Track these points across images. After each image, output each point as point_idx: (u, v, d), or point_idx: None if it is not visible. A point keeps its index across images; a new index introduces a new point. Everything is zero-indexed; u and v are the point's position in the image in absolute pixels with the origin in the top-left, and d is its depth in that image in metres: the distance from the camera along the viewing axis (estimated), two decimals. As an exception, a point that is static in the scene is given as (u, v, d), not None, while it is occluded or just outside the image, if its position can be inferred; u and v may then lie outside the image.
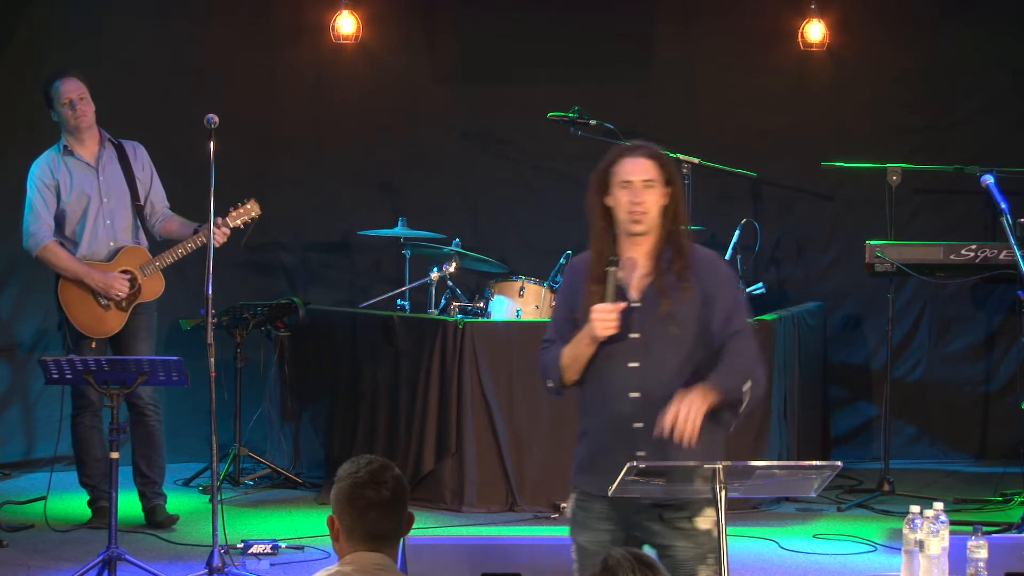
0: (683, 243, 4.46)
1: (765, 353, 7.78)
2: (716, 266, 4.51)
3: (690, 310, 4.41)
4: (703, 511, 4.35)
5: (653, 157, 4.49)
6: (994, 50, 9.46)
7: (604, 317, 4.39)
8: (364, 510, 3.52)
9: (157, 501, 7.39)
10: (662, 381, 4.39)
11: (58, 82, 7.32)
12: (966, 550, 4.27)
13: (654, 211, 4.46)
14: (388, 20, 9.44)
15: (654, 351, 4.41)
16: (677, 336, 4.40)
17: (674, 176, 4.50)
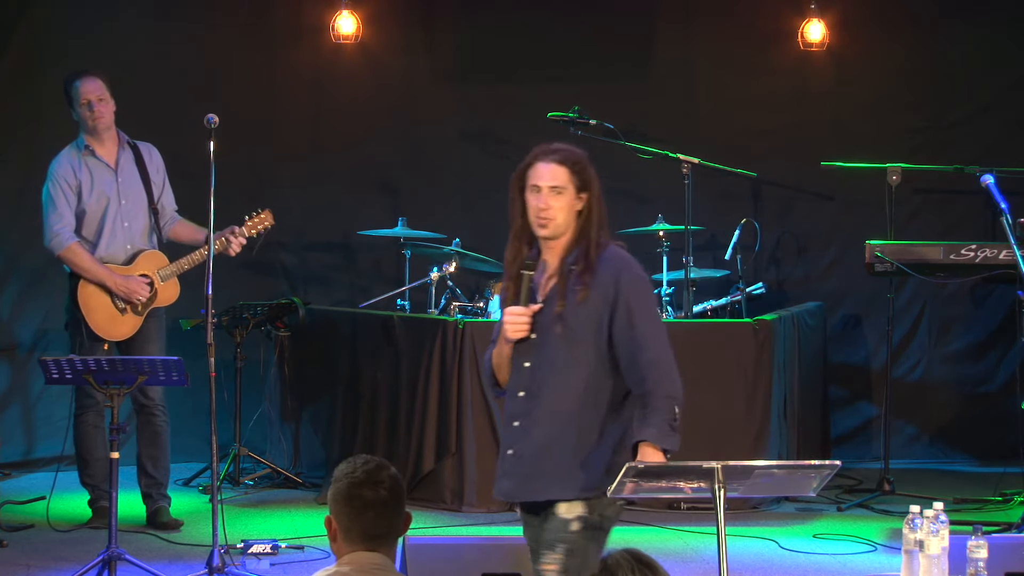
0: (590, 248, 4.46)
1: (765, 353, 7.79)
2: (621, 272, 4.47)
3: (584, 314, 4.40)
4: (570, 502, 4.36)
5: (565, 163, 4.50)
6: (994, 50, 9.46)
7: (515, 320, 4.44)
8: (361, 510, 3.52)
9: (161, 503, 7.39)
10: (546, 382, 4.41)
11: (78, 81, 7.29)
12: (966, 550, 4.26)
13: (561, 217, 4.47)
14: (388, 20, 9.44)
15: (544, 352, 4.43)
16: (566, 338, 4.40)
17: (590, 182, 4.52)
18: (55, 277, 8.93)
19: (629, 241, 9.19)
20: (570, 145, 4.60)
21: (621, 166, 9.16)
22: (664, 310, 8.29)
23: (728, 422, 7.77)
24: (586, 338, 4.40)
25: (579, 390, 4.40)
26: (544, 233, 4.49)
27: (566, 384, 4.40)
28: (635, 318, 4.42)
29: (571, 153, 4.54)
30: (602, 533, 4.42)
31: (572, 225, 4.50)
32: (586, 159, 4.57)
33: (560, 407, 4.41)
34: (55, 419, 8.91)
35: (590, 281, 4.42)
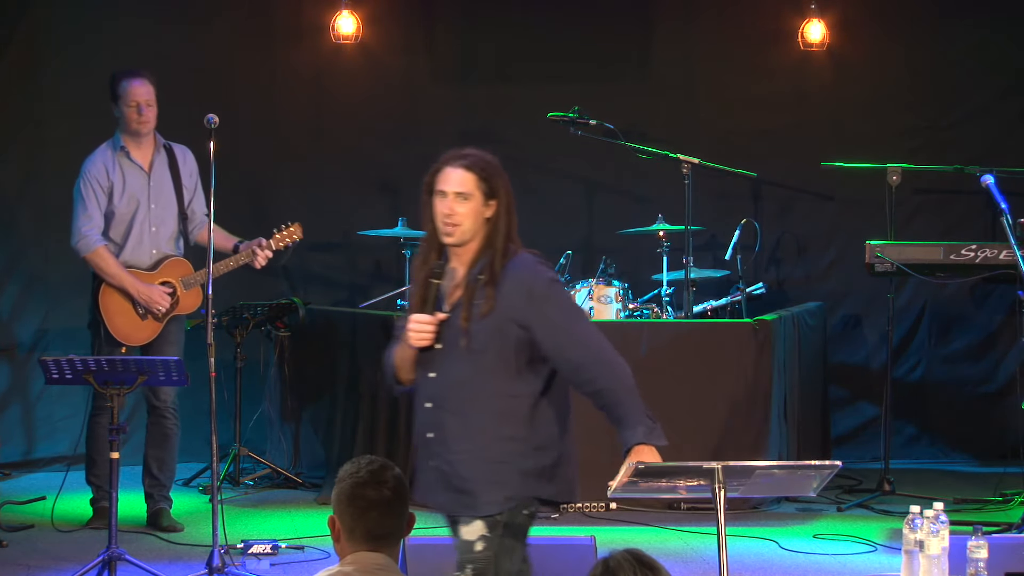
0: (496, 258, 4.37)
1: (765, 353, 7.79)
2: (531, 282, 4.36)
3: (489, 326, 4.33)
4: (471, 522, 4.33)
5: (472, 168, 4.41)
6: (994, 50, 9.46)
7: (418, 328, 4.38)
8: (365, 510, 3.52)
9: (162, 505, 7.38)
10: (452, 394, 4.36)
11: (127, 81, 7.24)
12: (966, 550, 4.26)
13: (468, 223, 4.39)
14: (388, 20, 9.44)
15: (450, 364, 4.37)
16: (471, 350, 4.33)
17: (499, 188, 4.43)
18: (56, 277, 8.96)
19: (630, 241, 9.28)
20: (482, 151, 4.51)
21: (621, 166, 9.18)
22: (664, 310, 8.29)
23: (728, 422, 7.77)
24: (491, 349, 4.33)
25: (486, 402, 4.33)
26: (449, 240, 4.41)
27: (473, 397, 4.34)
28: (563, 323, 4.35)
29: (480, 159, 4.45)
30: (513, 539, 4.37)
31: (480, 233, 4.40)
32: (496, 165, 4.48)
33: (468, 420, 4.34)
34: (55, 419, 8.92)
35: (494, 293, 4.33)
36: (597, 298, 8.24)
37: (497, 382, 4.34)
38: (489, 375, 4.34)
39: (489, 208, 4.42)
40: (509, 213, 4.44)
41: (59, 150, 9.00)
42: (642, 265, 8.95)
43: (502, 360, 4.34)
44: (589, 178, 9.49)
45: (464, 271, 4.42)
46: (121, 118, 7.27)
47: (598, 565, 3.19)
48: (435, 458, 4.43)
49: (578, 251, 9.07)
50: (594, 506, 7.66)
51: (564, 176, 9.50)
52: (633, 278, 8.63)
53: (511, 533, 4.36)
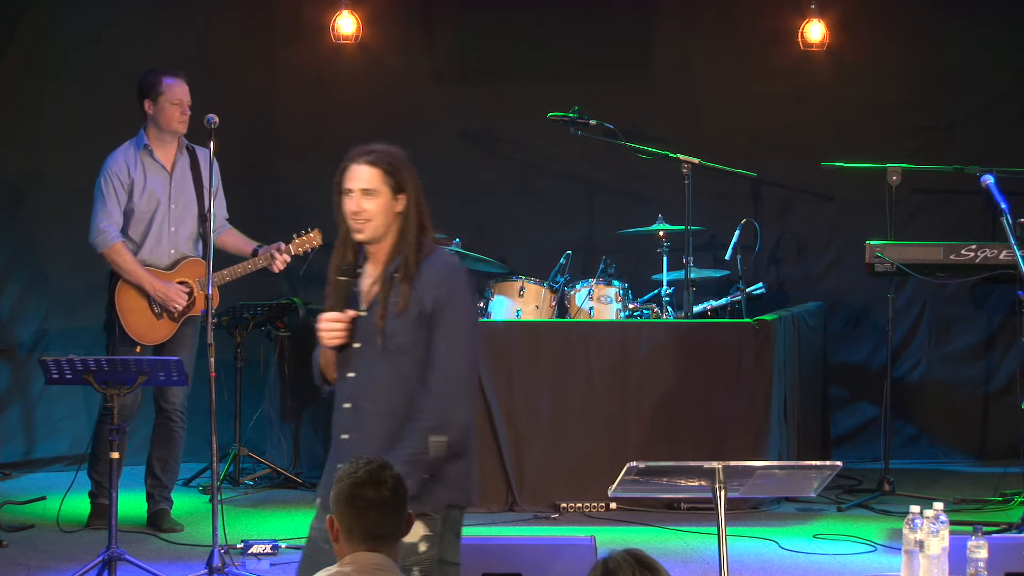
0: (410, 255, 4.33)
1: (765, 353, 7.79)
2: (442, 282, 4.33)
3: (404, 325, 4.29)
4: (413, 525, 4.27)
5: (377, 164, 4.37)
6: (994, 50, 9.46)
7: (328, 327, 4.38)
8: (363, 510, 3.52)
9: (163, 505, 7.38)
10: (370, 394, 4.32)
11: (171, 80, 7.23)
12: (966, 550, 4.26)
13: (378, 220, 4.34)
14: (388, 20, 9.44)
15: (367, 363, 4.33)
16: (387, 350, 4.30)
17: (406, 183, 4.39)
18: (56, 277, 8.96)
19: (630, 241, 9.29)
20: (388, 146, 4.47)
21: (621, 166, 9.18)
22: (664, 310, 8.29)
23: (728, 422, 7.77)
24: (407, 349, 4.29)
25: (404, 403, 4.29)
26: (361, 237, 4.36)
27: (390, 397, 4.30)
28: (439, 334, 4.29)
29: (385, 154, 4.41)
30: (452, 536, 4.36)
31: (393, 228, 4.37)
32: (402, 159, 4.44)
33: (386, 421, 4.30)
34: (55, 419, 8.92)
35: (409, 291, 4.30)
36: (597, 298, 8.24)
37: (412, 382, 4.29)
38: (404, 375, 4.30)
39: (399, 203, 4.38)
40: (419, 206, 4.40)
41: (59, 150, 9.01)
42: (642, 265, 8.95)
43: (416, 360, 4.30)
44: (589, 178, 9.49)
45: (377, 268, 4.39)
46: (158, 115, 7.24)
47: (597, 565, 3.18)
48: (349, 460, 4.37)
49: (578, 251, 9.07)
50: (594, 506, 7.66)
51: (564, 176, 9.50)
52: (633, 278, 8.63)
53: (451, 529, 4.34)
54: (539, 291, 8.26)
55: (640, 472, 4.09)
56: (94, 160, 7.55)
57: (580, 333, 7.88)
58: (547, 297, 8.26)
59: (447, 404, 4.26)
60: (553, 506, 7.66)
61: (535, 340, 7.85)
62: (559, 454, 7.76)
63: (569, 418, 7.79)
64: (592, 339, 7.83)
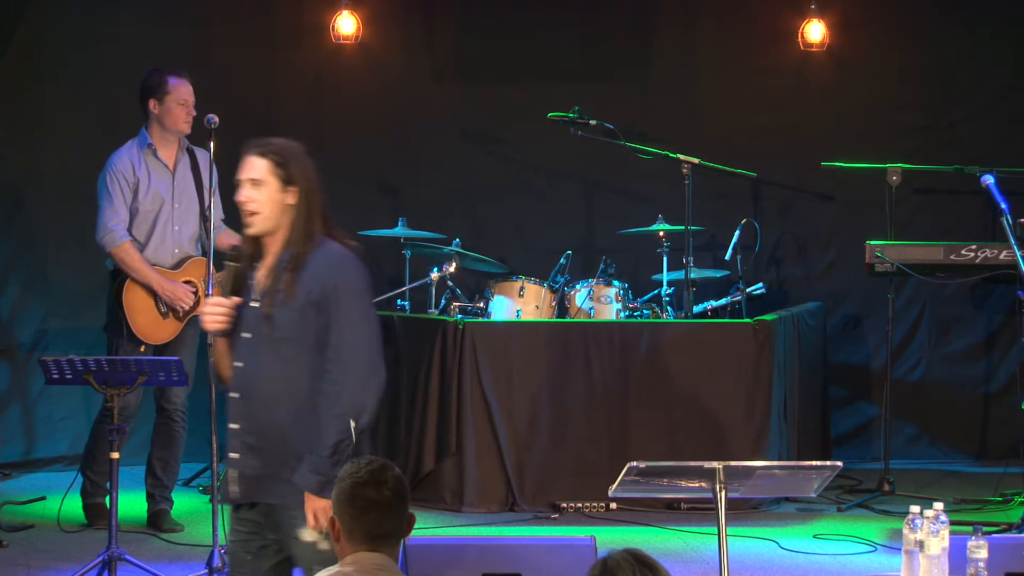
0: (299, 245, 4.37)
1: (765, 353, 7.79)
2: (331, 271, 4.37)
3: (291, 315, 4.32)
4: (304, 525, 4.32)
5: (266, 155, 4.41)
6: (994, 50, 9.46)
7: (211, 311, 4.40)
8: (365, 510, 3.52)
9: (163, 506, 7.38)
10: (258, 384, 4.34)
11: (176, 79, 7.24)
12: (966, 550, 4.26)
13: (266, 210, 4.38)
14: (388, 20, 9.44)
15: (256, 352, 4.36)
16: (274, 339, 4.32)
17: (297, 175, 4.42)
18: (56, 277, 8.96)
19: (630, 241, 9.29)
20: (285, 140, 4.51)
21: (621, 166, 9.18)
22: (664, 310, 8.29)
23: (728, 422, 7.77)
24: (294, 339, 4.32)
25: (292, 394, 4.32)
26: (250, 229, 4.41)
27: (277, 387, 4.33)
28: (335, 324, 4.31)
29: (276, 146, 4.45)
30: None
31: (285, 220, 4.41)
32: (294, 152, 4.47)
33: (273, 410, 4.33)
34: (55, 419, 8.91)
35: (295, 280, 4.33)
36: (597, 298, 8.24)
37: (303, 375, 4.32)
38: (292, 364, 4.32)
39: (289, 194, 4.41)
40: (310, 199, 4.44)
41: (59, 150, 9.00)
42: (642, 265, 8.95)
43: (307, 351, 4.32)
44: (589, 178, 9.48)
45: (271, 258, 4.42)
46: (164, 115, 7.24)
47: (597, 565, 3.18)
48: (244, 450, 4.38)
49: (578, 251, 9.06)
50: (594, 506, 7.66)
51: (564, 176, 9.49)
52: (633, 278, 8.63)
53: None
54: (539, 291, 8.26)
55: (640, 472, 4.09)
56: (94, 160, 7.55)
57: (580, 333, 7.88)
58: (547, 297, 8.25)
59: (355, 391, 4.28)
60: (553, 506, 7.66)
61: (535, 340, 7.85)
62: (559, 454, 7.76)
63: (569, 418, 7.79)
64: (592, 339, 7.83)
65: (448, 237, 8.63)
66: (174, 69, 7.32)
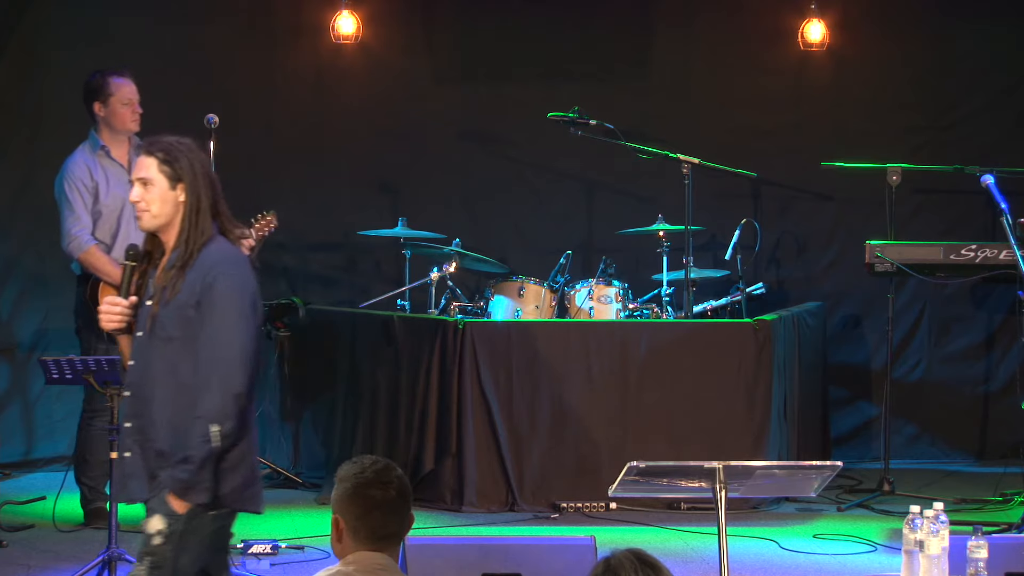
0: (187, 243, 4.36)
1: (765, 353, 7.79)
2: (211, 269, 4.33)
3: (176, 314, 4.32)
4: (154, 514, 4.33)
5: (155, 154, 4.40)
6: (994, 50, 9.46)
7: (107, 310, 4.44)
8: (370, 510, 3.52)
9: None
10: (145, 382, 4.36)
11: (118, 79, 7.25)
12: (966, 550, 4.26)
13: (155, 208, 4.40)
14: (388, 20, 9.44)
15: (146, 351, 4.38)
16: (162, 338, 4.34)
17: (186, 173, 4.39)
18: (55, 277, 8.95)
19: (630, 241, 9.28)
20: (177, 136, 4.47)
21: (621, 166, 9.18)
22: (664, 310, 8.30)
23: (728, 422, 7.77)
24: (175, 336, 4.32)
25: (175, 393, 4.32)
26: (141, 226, 4.46)
27: (162, 385, 4.33)
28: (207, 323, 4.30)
29: (165, 144, 4.42)
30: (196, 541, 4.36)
31: (176, 219, 4.41)
32: (182, 149, 4.43)
33: (161, 409, 4.33)
34: (55, 419, 8.91)
35: (182, 278, 4.33)
36: (597, 298, 8.24)
37: (184, 372, 4.32)
38: (178, 364, 4.33)
39: (179, 192, 4.41)
40: (197, 196, 4.41)
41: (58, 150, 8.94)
42: (642, 265, 8.95)
43: (189, 349, 4.32)
44: (589, 178, 9.49)
45: (165, 257, 4.45)
46: (110, 116, 7.27)
47: (600, 564, 3.18)
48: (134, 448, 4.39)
49: (578, 251, 9.07)
50: (594, 506, 7.66)
51: (564, 176, 9.49)
52: (633, 278, 8.63)
53: (195, 532, 4.34)
54: (539, 291, 8.26)
55: (640, 472, 4.09)
56: (94, 160, 7.55)
57: (580, 333, 7.88)
58: (547, 297, 8.26)
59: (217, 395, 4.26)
60: (553, 506, 7.66)
61: (535, 340, 7.85)
62: (559, 454, 7.76)
63: (569, 418, 7.78)
64: (592, 339, 7.83)
65: (448, 237, 8.64)
66: (116, 69, 7.34)
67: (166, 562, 4.31)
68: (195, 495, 4.28)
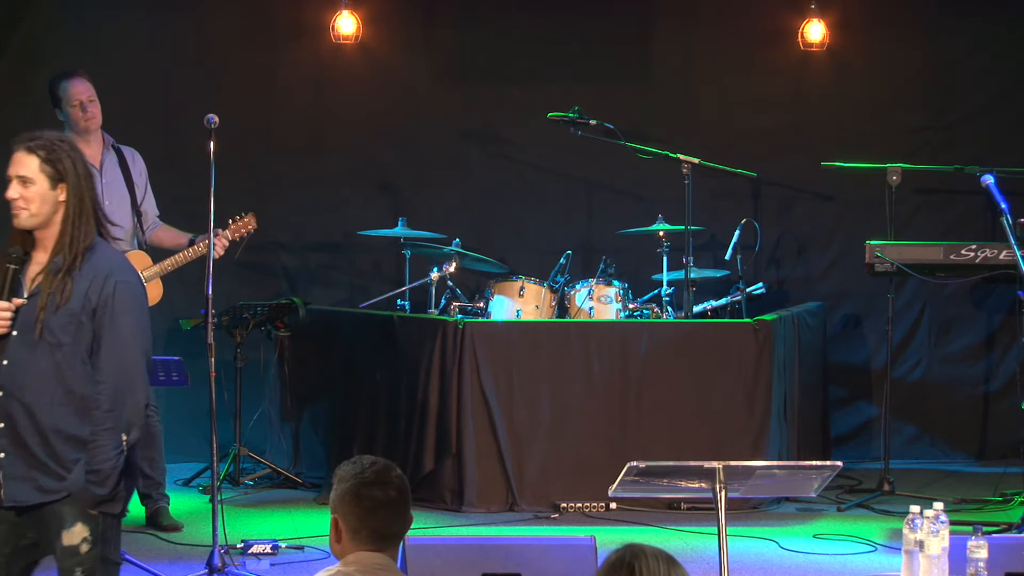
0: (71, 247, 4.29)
1: (765, 353, 7.79)
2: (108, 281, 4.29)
3: (64, 318, 4.27)
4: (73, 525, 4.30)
5: (34, 151, 4.32)
6: (994, 50, 9.46)
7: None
8: (371, 510, 3.52)
9: (161, 503, 7.38)
10: (24, 385, 4.28)
11: (66, 82, 7.27)
12: (966, 550, 4.26)
13: (34, 207, 4.31)
14: (388, 20, 9.44)
15: (22, 351, 4.30)
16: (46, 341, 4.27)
17: (68, 172, 4.33)
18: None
19: (630, 241, 9.29)
20: (57, 133, 4.42)
21: (621, 166, 9.18)
22: (664, 310, 8.30)
23: (728, 422, 7.77)
24: (65, 343, 4.27)
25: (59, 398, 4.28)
26: (17, 223, 4.35)
27: (46, 390, 4.28)
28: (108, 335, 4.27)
29: (46, 141, 4.34)
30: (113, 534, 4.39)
31: (56, 218, 4.33)
32: (64, 148, 4.36)
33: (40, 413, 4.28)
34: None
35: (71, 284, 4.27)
36: (597, 298, 8.24)
37: (71, 377, 4.29)
38: (66, 370, 4.28)
39: (60, 192, 4.35)
40: (80, 197, 4.35)
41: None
42: (642, 265, 8.95)
43: (77, 355, 4.29)
44: (589, 178, 9.49)
45: (43, 256, 4.37)
46: (67, 120, 7.29)
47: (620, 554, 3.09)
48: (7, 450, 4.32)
49: (578, 251, 9.07)
50: (594, 506, 7.66)
51: (564, 176, 9.49)
52: (633, 278, 8.63)
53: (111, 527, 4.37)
54: (539, 291, 8.26)
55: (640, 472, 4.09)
56: (94, 160, 7.56)
57: (580, 333, 7.88)
58: (547, 297, 8.26)
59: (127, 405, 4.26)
60: (553, 506, 7.66)
61: (535, 340, 7.85)
62: (559, 454, 7.76)
63: (569, 418, 7.79)
64: (592, 339, 7.83)
65: (448, 237, 8.64)
66: (67, 70, 7.35)
67: (96, 566, 4.32)
68: (112, 506, 4.31)
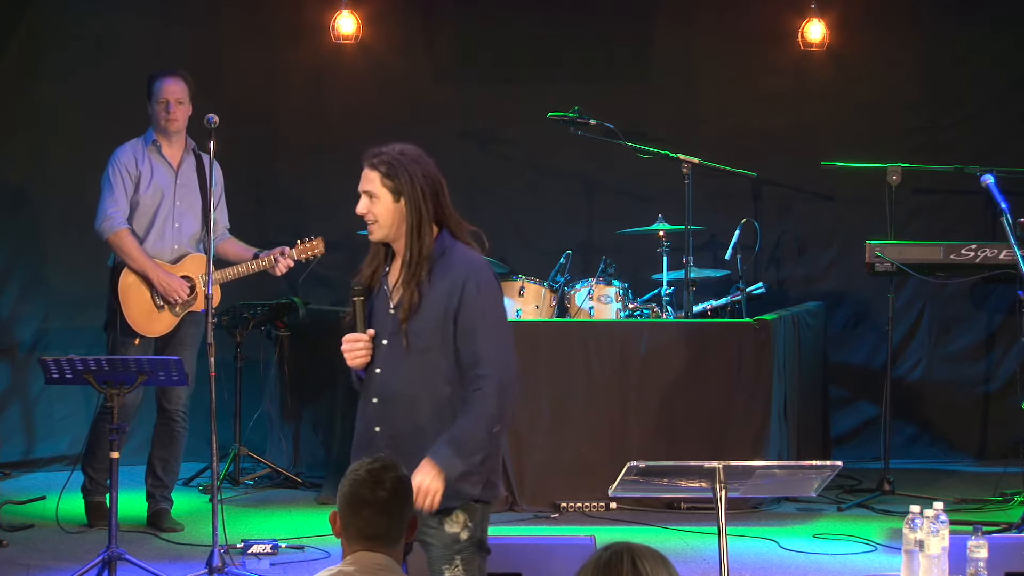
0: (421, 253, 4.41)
1: (765, 353, 7.79)
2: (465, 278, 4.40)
3: (426, 322, 4.37)
4: (451, 513, 4.36)
5: (376, 167, 4.43)
6: (994, 50, 9.46)
7: (350, 348, 4.45)
8: (358, 508, 3.53)
9: (163, 505, 7.39)
10: (398, 389, 4.39)
11: (159, 80, 7.29)
12: (966, 550, 4.26)
13: (383, 221, 4.44)
14: (388, 20, 9.44)
15: (394, 358, 4.40)
16: (414, 346, 4.37)
17: (403, 186, 4.42)
18: (55, 277, 8.97)
19: (630, 241, 9.29)
20: (402, 145, 4.51)
21: (621, 166, 9.18)
22: (664, 310, 8.30)
23: (728, 422, 7.77)
24: (432, 346, 4.37)
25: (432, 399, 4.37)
26: (372, 237, 4.50)
27: (417, 393, 4.37)
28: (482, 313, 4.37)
29: (386, 156, 4.45)
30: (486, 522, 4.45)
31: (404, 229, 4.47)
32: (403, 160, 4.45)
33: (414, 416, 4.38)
34: (55, 419, 8.92)
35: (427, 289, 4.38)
36: (597, 298, 8.24)
37: (440, 381, 4.37)
38: (435, 373, 4.37)
39: (403, 205, 4.45)
40: (422, 206, 4.45)
41: (60, 149, 9.01)
42: (642, 265, 8.95)
43: (444, 356, 4.38)
44: (589, 178, 9.49)
45: (399, 267, 4.47)
46: (153, 116, 7.33)
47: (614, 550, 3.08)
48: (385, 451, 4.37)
49: (578, 251, 9.07)
50: (594, 506, 7.66)
51: (564, 176, 9.49)
52: (633, 278, 8.63)
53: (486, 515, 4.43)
54: (539, 291, 8.26)
55: (640, 472, 4.09)
56: (95, 160, 7.57)
57: (580, 333, 7.88)
58: (547, 297, 8.26)
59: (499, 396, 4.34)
60: (553, 506, 7.66)
61: (535, 340, 7.85)
62: (559, 454, 7.76)
63: (569, 418, 7.79)
64: (592, 339, 7.83)
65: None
66: (165, 69, 7.38)
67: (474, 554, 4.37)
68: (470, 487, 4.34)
